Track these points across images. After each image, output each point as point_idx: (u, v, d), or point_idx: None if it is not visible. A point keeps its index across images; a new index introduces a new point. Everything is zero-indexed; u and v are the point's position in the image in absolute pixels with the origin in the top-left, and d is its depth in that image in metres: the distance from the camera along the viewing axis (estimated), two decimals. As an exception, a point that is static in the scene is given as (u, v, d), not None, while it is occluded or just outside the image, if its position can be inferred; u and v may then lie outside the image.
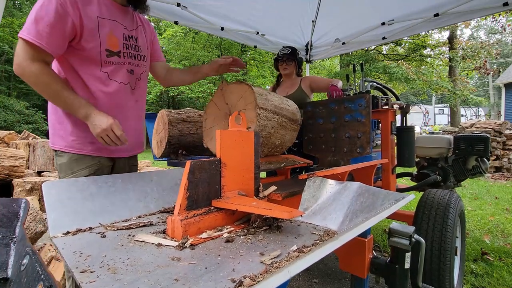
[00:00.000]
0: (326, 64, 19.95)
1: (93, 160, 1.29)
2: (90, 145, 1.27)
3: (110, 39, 1.26)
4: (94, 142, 1.26)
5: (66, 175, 1.27)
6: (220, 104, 1.58)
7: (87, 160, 1.28)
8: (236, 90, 1.51)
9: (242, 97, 1.48)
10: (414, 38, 14.05)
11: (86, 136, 1.25)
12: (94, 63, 1.23)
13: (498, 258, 2.47)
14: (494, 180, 6.45)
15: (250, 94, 1.44)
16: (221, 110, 1.58)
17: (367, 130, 1.70)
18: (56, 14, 1.08)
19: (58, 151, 1.27)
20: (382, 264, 1.13)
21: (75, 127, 1.25)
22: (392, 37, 3.36)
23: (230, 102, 1.54)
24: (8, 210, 0.80)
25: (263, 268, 0.59)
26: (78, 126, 1.24)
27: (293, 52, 2.52)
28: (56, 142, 1.27)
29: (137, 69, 1.40)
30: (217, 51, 16.88)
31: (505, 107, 15.46)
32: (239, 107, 1.48)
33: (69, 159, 1.26)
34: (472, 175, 2.30)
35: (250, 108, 1.43)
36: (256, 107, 1.40)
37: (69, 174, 1.26)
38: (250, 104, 1.43)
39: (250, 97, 1.44)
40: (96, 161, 1.30)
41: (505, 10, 2.45)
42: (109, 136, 1.15)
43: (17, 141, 4.12)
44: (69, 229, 0.87)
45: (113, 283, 0.55)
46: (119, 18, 1.31)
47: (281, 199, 1.17)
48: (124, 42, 1.33)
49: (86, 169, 1.27)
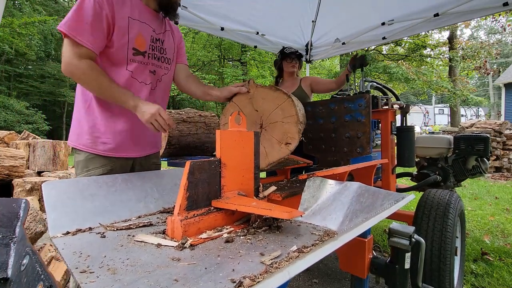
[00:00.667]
0: (326, 64, 19.95)
1: (106, 160, 1.32)
2: (102, 145, 1.31)
3: (138, 39, 1.32)
4: (106, 143, 1.31)
5: (82, 172, 1.32)
6: (247, 110, 1.40)
7: (101, 160, 1.31)
8: (269, 97, 1.34)
9: (279, 107, 1.32)
10: (414, 38, 14.04)
11: (99, 137, 1.30)
12: (120, 61, 1.28)
13: (498, 258, 2.47)
14: (494, 180, 6.45)
15: (290, 106, 1.28)
16: (247, 117, 1.41)
17: (367, 130, 1.70)
18: (95, 12, 1.15)
19: (75, 148, 1.33)
20: (382, 264, 1.13)
21: (90, 128, 1.29)
22: (392, 37, 3.36)
23: (261, 110, 1.37)
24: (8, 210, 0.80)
25: (263, 269, 0.59)
26: (93, 127, 1.29)
27: (299, 53, 2.56)
28: (73, 140, 1.33)
29: (159, 70, 1.44)
30: (217, 51, 16.88)
31: (505, 107, 15.46)
32: (275, 119, 1.33)
33: (85, 157, 1.31)
34: (472, 175, 2.30)
35: (290, 122, 1.28)
36: (298, 122, 1.26)
37: (85, 172, 1.31)
38: (290, 118, 1.28)
39: (290, 110, 1.28)
40: (109, 161, 1.33)
41: (505, 10, 2.45)
42: (158, 120, 1.19)
43: (17, 141, 4.11)
44: (69, 229, 0.87)
45: (113, 284, 0.55)
46: (149, 21, 1.37)
47: (281, 199, 1.17)
48: (151, 44, 1.38)
49: (100, 168, 1.31)
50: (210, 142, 2.48)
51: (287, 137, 1.30)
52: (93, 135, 1.29)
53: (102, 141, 1.30)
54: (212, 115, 2.65)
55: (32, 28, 15.70)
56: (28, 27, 15.38)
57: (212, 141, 2.52)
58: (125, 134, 1.34)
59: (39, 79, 19.18)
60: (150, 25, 1.38)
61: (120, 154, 1.36)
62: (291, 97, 1.29)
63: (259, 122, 1.39)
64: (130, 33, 1.28)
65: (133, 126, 1.35)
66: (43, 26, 16.89)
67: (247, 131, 1.03)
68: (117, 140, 1.32)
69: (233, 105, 1.46)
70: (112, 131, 1.31)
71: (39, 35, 16.58)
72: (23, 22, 14.93)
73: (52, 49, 18.75)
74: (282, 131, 1.32)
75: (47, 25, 17.05)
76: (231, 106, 1.46)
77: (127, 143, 1.36)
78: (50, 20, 16.76)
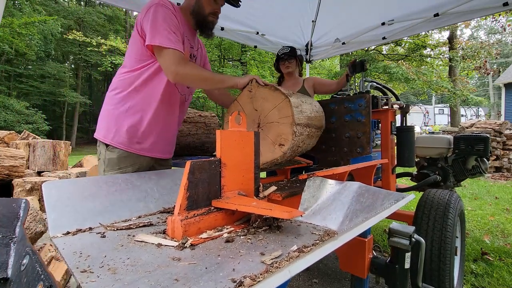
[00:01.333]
0: (326, 64, 19.95)
1: (137, 159, 1.41)
2: (138, 145, 1.39)
3: (186, 53, 1.41)
4: (141, 143, 1.39)
5: (113, 169, 1.37)
6: (248, 109, 1.41)
7: (132, 159, 1.39)
8: (269, 96, 1.33)
9: (276, 107, 1.31)
10: (414, 38, 14.05)
11: (135, 137, 1.38)
12: None
13: (498, 258, 2.47)
14: (494, 180, 6.45)
15: (286, 107, 1.27)
16: (248, 116, 1.42)
17: (367, 130, 1.70)
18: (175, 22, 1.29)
19: (110, 145, 1.37)
20: (382, 264, 1.13)
21: (130, 127, 1.36)
22: (392, 37, 3.36)
23: (260, 109, 1.37)
24: (8, 210, 0.80)
25: (263, 268, 0.59)
26: (133, 127, 1.36)
27: (293, 50, 2.52)
28: (108, 137, 1.37)
29: None
30: (217, 51, 16.87)
31: (505, 107, 15.46)
32: (271, 119, 1.33)
33: (119, 156, 1.37)
34: (472, 175, 2.30)
35: (285, 123, 1.28)
36: (293, 123, 1.25)
37: (116, 170, 1.37)
38: (286, 119, 1.28)
39: (286, 110, 1.28)
40: (139, 161, 1.41)
41: (505, 10, 2.45)
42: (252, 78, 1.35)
43: (17, 141, 4.11)
44: (69, 229, 0.87)
45: (113, 283, 0.55)
46: (190, 37, 1.47)
47: (281, 199, 1.17)
48: (190, 59, 1.47)
49: (130, 166, 1.39)
50: (210, 142, 2.47)
51: (281, 138, 1.29)
52: (132, 134, 1.36)
53: (137, 140, 1.38)
54: (212, 115, 2.65)
55: (32, 28, 15.71)
56: (28, 27, 15.39)
57: (212, 141, 2.52)
58: (157, 136, 1.43)
59: (39, 79, 19.19)
60: (190, 41, 1.47)
61: (151, 154, 1.44)
62: (289, 97, 1.27)
63: (257, 121, 1.39)
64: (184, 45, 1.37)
65: (164, 129, 1.45)
66: (43, 26, 16.89)
67: (247, 131, 1.03)
68: (150, 141, 1.41)
69: (236, 104, 1.47)
70: (149, 133, 1.40)
71: (39, 35, 16.58)
72: (23, 22, 14.94)
73: (52, 49, 18.75)
74: (277, 131, 1.32)
75: (47, 25, 17.05)
76: (234, 105, 1.48)
77: (158, 145, 1.45)
78: (50, 20, 16.76)
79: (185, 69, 1.25)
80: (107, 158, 1.38)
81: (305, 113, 1.38)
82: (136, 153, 1.39)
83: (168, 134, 1.51)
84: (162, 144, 1.49)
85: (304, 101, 1.45)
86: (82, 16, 20.96)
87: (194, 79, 1.30)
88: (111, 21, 23.67)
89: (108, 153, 1.38)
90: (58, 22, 17.92)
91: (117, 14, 23.65)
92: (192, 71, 1.27)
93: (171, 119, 1.49)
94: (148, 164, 1.48)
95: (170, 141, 1.56)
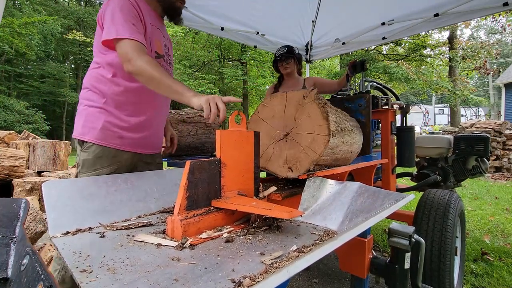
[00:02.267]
0: (326, 64, 19.94)
1: (116, 157, 1.32)
2: (119, 140, 1.31)
3: (157, 43, 1.36)
4: (122, 137, 1.32)
5: (88, 171, 1.29)
6: (288, 111, 1.29)
7: (110, 158, 1.31)
8: (315, 119, 1.22)
9: (312, 134, 1.20)
10: (414, 38, 14.03)
11: (113, 131, 1.30)
12: None
13: (498, 258, 2.47)
14: (494, 180, 6.45)
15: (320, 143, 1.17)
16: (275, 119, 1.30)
17: (367, 130, 1.70)
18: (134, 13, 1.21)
19: (86, 143, 1.29)
20: (382, 264, 1.13)
21: (106, 122, 1.29)
22: (392, 37, 3.36)
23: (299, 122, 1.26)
24: (8, 210, 0.80)
25: (263, 268, 0.59)
26: (108, 122, 1.29)
27: (290, 49, 2.52)
28: (86, 133, 1.29)
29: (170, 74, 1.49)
30: (217, 51, 16.87)
31: (505, 107, 15.45)
32: (300, 140, 1.24)
33: (94, 156, 1.29)
34: (472, 175, 2.30)
35: (308, 154, 1.21)
36: (314, 162, 1.19)
37: (91, 171, 1.29)
38: (312, 153, 1.20)
39: (317, 146, 1.19)
40: (118, 159, 1.33)
41: (505, 10, 2.45)
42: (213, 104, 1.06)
43: (17, 141, 4.11)
44: (69, 229, 0.87)
45: (112, 283, 0.55)
46: (159, 26, 1.40)
47: (281, 199, 1.17)
48: (164, 48, 1.42)
49: (107, 167, 1.30)
50: (210, 142, 2.48)
51: (295, 163, 1.22)
52: (109, 129, 1.29)
53: (118, 135, 1.31)
54: (212, 115, 2.64)
55: (32, 28, 15.70)
56: (28, 27, 15.39)
57: (212, 142, 2.52)
58: (140, 129, 1.36)
59: (39, 79, 19.18)
60: (161, 30, 1.41)
61: (133, 149, 1.37)
62: (330, 136, 1.15)
63: (287, 130, 1.29)
64: (152, 36, 1.31)
65: (146, 123, 1.37)
66: (43, 26, 16.89)
67: (246, 130, 1.03)
68: (130, 135, 1.34)
69: (283, 97, 1.31)
70: (128, 126, 1.32)
71: (39, 35, 16.58)
72: (23, 22, 14.93)
73: (52, 49, 18.75)
74: (296, 155, 1.25)
75: (47, 25, 17.05)
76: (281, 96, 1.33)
77: (139, 139, 1.37)
78: (50, 20, 16.76)
79: (141, 62, 1.11)
80: (82, 159, 1.29)
81: (334, 155, 1.27)
82: (116, 149, 1.31)
83: (153, 126, 1.41)
84: (146, 138, 1.40)
85: (344, 142, 1.32)
86: (82, 16, 20.96)
87: (148, 78, 1.12)
88: (111, 21, 23.63)
89: (82, 154, 1.30)
90: (58, 22, 17.92)
91: (117, 14, 23.61)
92: (149, 68, 1.11)
93: (157, 109, 1.41)
94: (131, 162, 1.39)
95: (155, 133, 1.45)
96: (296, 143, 1.28)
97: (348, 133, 1.39)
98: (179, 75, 15.10)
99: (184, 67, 15.54)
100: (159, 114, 1.46)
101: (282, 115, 1.32)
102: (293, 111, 1.28)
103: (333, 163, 1.35)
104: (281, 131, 1.32)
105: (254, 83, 15.56)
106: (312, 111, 1.22)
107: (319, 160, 1.19)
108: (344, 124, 1.38)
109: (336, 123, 1.26)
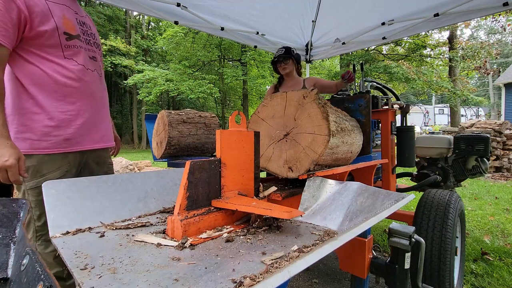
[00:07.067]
0: (326, 64, 19.96)
1: (63, 161, 1.24)
2: (66, 142, 1.22)
3: (65, 22, 1.19)
4: (70, 139, 1.23)
5: (35, 179, 1.18)
6: (288, 111, 1.28)
7: (57, 161, 1.22)
8: (315, 119, 1.22)
9: (312, 134, 1.20)
10: (414, 38, 14.05)
11: (61, 134, 1.21)
12: (55, 49, 1.18)
13: (498, 258, 2.47)
14: (494, 180, 6.45)
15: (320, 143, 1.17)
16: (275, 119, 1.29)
17: (367, 130, 1.70)
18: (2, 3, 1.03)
19: (26, 154, 1.16)
20: (382, 264, 1.13)
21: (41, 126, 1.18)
22: (392, 37, 3.36)
23: (299, 122, 1.25)
24: (8, 210, 0.80)
25: (263, 268, 0.59)
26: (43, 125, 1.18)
27: (288, 50, 2.53)
28: (22, 146, 1.16)
29: (97, 56, 1.37)
30: (217, 51, 16.88)
31: (505, 107, 15.45)
32: (300, 140, 1.23)
33: (38, 161, 1.18)
34: (472, 175, 2.30)
35: (308, 154, 1.21)
36: (314, 161, 1.18)
37: (38, 178, 1.18)
38: (312, 153, 1.20)
39: (317, 146, 1.19)
40: (66, 162, 1.25)
41: (505, 10, 2.45)
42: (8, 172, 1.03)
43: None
44: (69, 229, 0.87)
45: (112, 283, 0.55)
46: (68, 3, 1.26)
47: (281, 199, 1.17)
48: (80, 27, 1.28)
49: (56, 171, 1.22)
50: (210, 142, 2.48)
51: (295, 162, 1.22)
52: (54, 134, 1.20)
53: (65, 138, 1.22)
54: (212, 116, 2.65)
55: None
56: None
57: (212, 142, 2.52)
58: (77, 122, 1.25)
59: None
60: (71, 7, 1.27)
61: (82, 147, 1.28)
62: (330, 136, 1.16)
63: (287, 130, 1.29)
64: (54, 16, 1.15)
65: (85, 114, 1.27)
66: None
67: (246, 130, 1.03)
68: (70, 131, 1.23)
69: (283, 96, 1.31)
70: (64, 122, 1.21)
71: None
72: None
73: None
74: (296, 155, 1.25)
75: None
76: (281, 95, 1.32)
77: (81, 133, 1.27)
78: (50, 20, 16.71)
79: None
80: (26, 166, 1.14)
81: (334, 155, 1.26)
82: (63, 152, 1.21)
83: (94, 119, 1.30)
84: (88, 131, 1.30)
85: (344, 142, 1.32)
86: (82, 16, 20.93)
87: None
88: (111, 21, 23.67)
89: (26, 161, 1.14)
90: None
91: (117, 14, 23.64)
92: None
93: (96, 99, 1.31)
94: (79, 162, 1.30)
95: (98, 125, 1.34)
96: (296, 143, 1.28)
97: (348, 133, 1.39)
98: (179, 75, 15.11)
99: (184, 67, 15.55)
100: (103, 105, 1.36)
101: (282, 115, 1.32)
102: (293, 111, 1.28)
103: (333, 163, 1.35)
104: (281, 131, 1.32)
105: (254, 83, 15.58)
106: (312, 111, 1.23)
107: (319, 160, 1.20)
108: (344, 124, 1.38)
109: (336, 123, 1.26)
